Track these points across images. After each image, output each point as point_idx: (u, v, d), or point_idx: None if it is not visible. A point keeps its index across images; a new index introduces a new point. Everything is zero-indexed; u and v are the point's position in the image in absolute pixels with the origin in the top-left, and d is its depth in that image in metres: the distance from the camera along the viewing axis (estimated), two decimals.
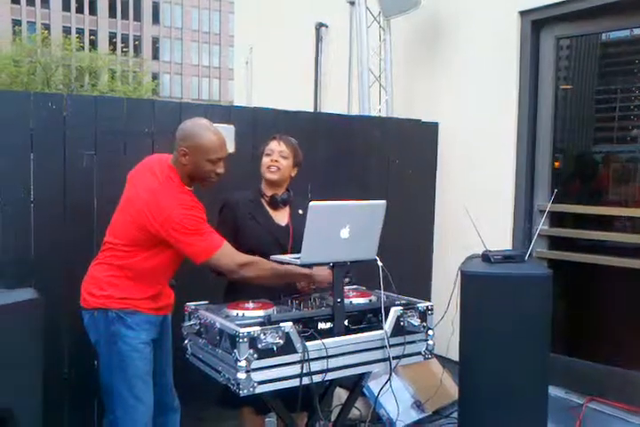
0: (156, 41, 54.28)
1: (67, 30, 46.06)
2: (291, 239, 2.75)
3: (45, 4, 48.50)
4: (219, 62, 55.53)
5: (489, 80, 4.28)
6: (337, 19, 5.72)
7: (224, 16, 53.97)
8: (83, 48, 37.74)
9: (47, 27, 44.75)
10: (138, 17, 53.31)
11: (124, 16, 52.71)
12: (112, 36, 51.09)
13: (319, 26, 6.13)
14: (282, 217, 2.84)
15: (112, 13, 51.80)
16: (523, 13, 4.07)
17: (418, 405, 3.65)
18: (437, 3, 4.57)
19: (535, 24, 4.05)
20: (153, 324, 2.55)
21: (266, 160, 2.80)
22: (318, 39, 6.14)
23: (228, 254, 2.39)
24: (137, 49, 52.31)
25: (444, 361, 3.84)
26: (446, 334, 3.12)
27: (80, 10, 50.16)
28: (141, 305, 2.49)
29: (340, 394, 3.32)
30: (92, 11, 50.79)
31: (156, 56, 53.96)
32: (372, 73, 4.86)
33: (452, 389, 3.74)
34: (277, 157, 2.78)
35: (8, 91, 3.06)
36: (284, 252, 2.64)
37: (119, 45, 48.21)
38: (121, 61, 42.08)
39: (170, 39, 55.02)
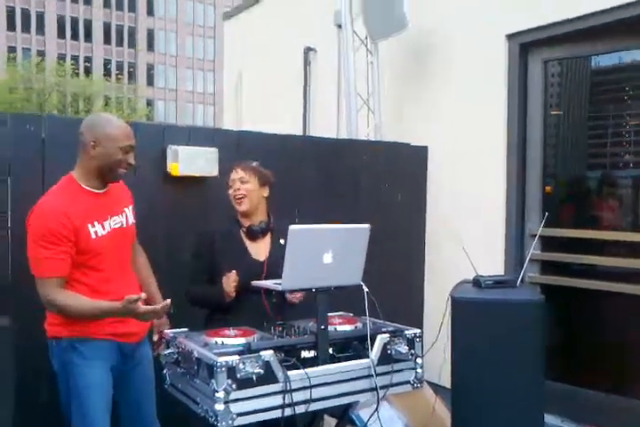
0: (150, 68, 54.79)
1: (62, 57, 46.48)
2: (264, 273, 2.64)
3: (40, 30, 49.01)
4: (213, 89, 55.98)
5: (478, 103, 4.26)
6: (325, 43, 5.74)
7: (219, 43, 54.59)
8: (77, 74, 38.00)
9: (42, 53, 45.16)
10: (132, 44, 53.87)
11: (119, 43, 53.27)
12: (107, 63, 51.57)
13: (307, 50, 6.13)
14: (261, 249, 2.75)
15: (107, 40, 52.35)
16: (510, 37, 4.07)
17: None
18: (424, 26, 4.58)
19: (523, 47, 4.05)
20: (110, 351, 2.38)
21: (230, 192, 2.78)
22: (306, 63, 6.14)
23: (42, 287, 2.24)
24: (132, 75, 52.74)
25: (436, 388, 3.73)
26: (438, 360, 3.04)
27: (75, 37, 50.70)
28: (93, 330, 2.32)
29: (331, 423, 3.21)
30: (87, 37, 51.33)
31: (150, 83, 54.42)
32: (359, 96, 4.84)
33: (445, 417, 3.62)
34: (239, 186, 2.74)
35: None
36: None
37: (114, 72, 48.61)
38: (115, 88, 42.38)
39: (164, 66, 55.55)
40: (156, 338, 2.61)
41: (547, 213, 3.46)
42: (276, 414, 2.07)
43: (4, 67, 36.48)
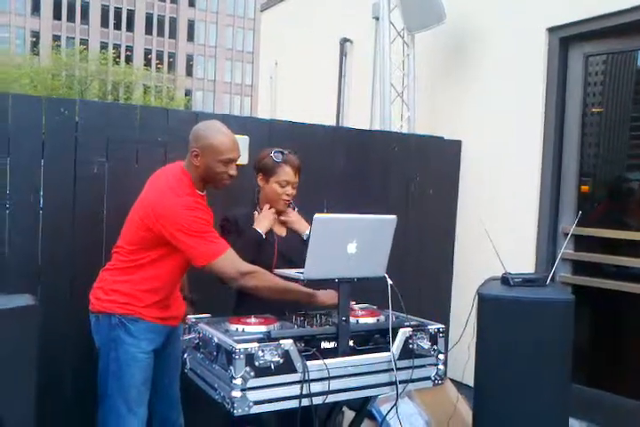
0: (190, 58, 55.23)
1: (104, 46, 47.22)
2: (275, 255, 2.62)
3: (85, 19, 49.81)
4: (251, 80, 56.14)
5: (514, 98, 4.16)
6: (362, 34, 5.68)
7: (257, 35, 54.66)
8: (118, 63, 38.58)
9: (85, 42, 45.93)
10: (173, 34, 54.38)
11: (160, 33, 53.82)
12: (147, 53, 52.18)
13: (344, 41, 6.08)
14: (279, 229, 2.73)
15: (148, 30, 52.95)
16: (551, 30, 3.96)
17: None
18: (462, 18, 4.49)
19: (563, 41, 3.94)
20: (157, 333, 2.49)
21: (280, 191, 2.64)
22: (343, 54, 6.09)
23: (230, 261, 2.31)
24: (171, 65, 53.28)
25: (459, 387, 3.68)
26: (463, 358, 2.98)
27: (118, 26, 51.42)
28: (145, 313, 2.44)
29: (350, 416, 3.18)
30: (129, 27, 52.02)
31: (189, 73, 54.88)
32: (394, 88, 4.77)
33: (467, 416, 3.57)
34: (291, 191, 2.65)
35: (21, 95, 3.08)
36: (288, 264, 2.53)
37: (154, 61, 49.15)
38: (155, 77, 42.87)
39: (204, 57, 55.93)
40: None
41: (580, 212, 3.37)
42: (293, 404, 2.04)
43: (48, 54, 37.18)
